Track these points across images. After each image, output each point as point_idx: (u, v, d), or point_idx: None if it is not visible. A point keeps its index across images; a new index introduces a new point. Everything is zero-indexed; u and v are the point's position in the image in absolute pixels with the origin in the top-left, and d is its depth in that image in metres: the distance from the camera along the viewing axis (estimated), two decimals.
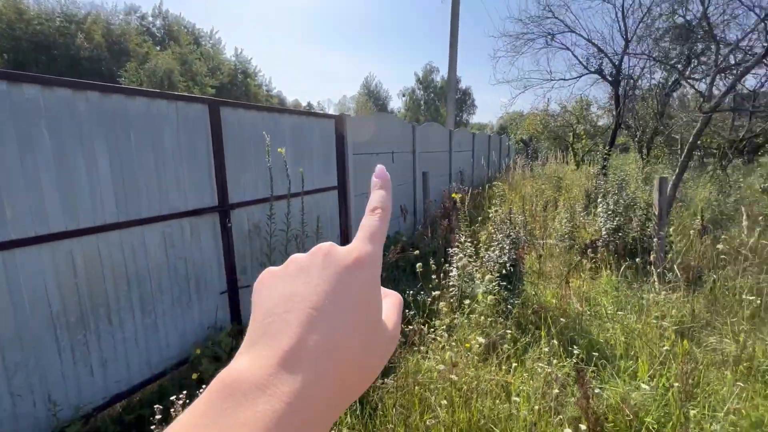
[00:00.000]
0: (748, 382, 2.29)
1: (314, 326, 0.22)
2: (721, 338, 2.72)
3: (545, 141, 17.28)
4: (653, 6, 7.26)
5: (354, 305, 0.23)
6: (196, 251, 2.72)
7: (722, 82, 5.35)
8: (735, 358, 2.49)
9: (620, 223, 4.28)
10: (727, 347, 2.59)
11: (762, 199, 6.15)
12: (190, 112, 2.63)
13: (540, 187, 7.48)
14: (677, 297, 3.21)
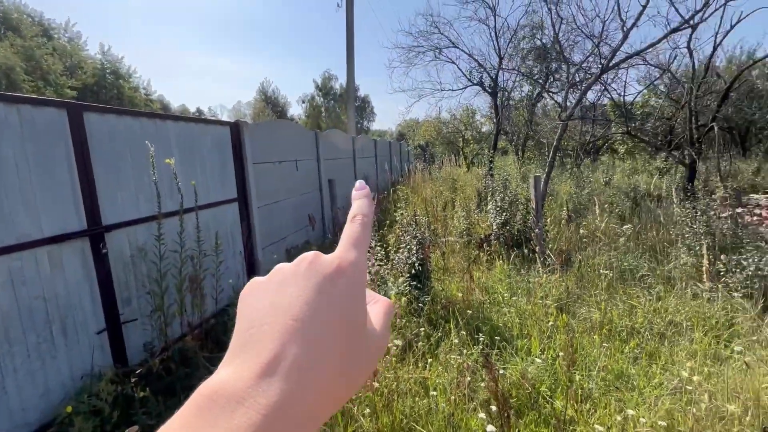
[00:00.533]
0: (609, 342, 2.79)
1: (294, 337, 0.21)
2: (588, 308, 3.26)
3: (439, 146, 18.75)
4: (518, 29, 8.46)
5: (336, 315, 0.23)
6: (59, 286, 2.23)
7: (572, 95, 6.47)
8: (599, 323, 3.01)
9: (507, 217, 4.85)
10: (593, 315, 3.12)
11: (605, 190, 7.62)
12: (40, 118, 2.16)
13: (438, 189, 8.06)
14: (555, 278, 3.76)
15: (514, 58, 10.35)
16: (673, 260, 3.93)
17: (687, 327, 2.89)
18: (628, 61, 6.11)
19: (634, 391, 2.28)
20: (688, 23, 4.20)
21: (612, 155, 15.48)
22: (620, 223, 5.21)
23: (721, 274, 3.35)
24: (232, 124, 3.92)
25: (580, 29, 5.09)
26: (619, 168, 11.85)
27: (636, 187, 6.61)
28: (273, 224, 4.63)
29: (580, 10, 5.38)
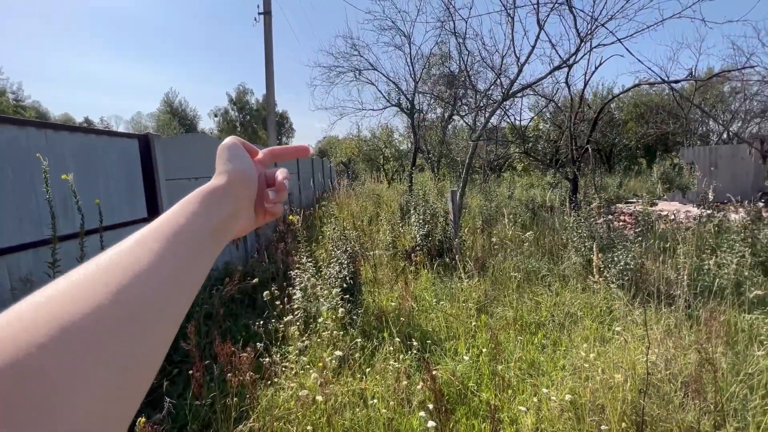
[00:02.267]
0: (522, 335, 3.15)
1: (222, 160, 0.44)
2: (503, 308, 3.64)
3: (361, 163, 19.18)
4: (430, 57, 9.23)
5: (236, 152, 0.46)
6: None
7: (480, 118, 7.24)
8: (513, 319, 3.38)
9: (429, 229, 5.18)
10: (507, 313, 3.49)
11: (509, 203, 8.58)
12: None
13: (363, 204, 8.25)
14: (474, 283, 4.11)
15: (427, 82, 11.22)
16: (566, 261, 4.60)
17: (579, 316, 3.40)
18: (523, 91, 7.09)
19: (545, 375, 2.62)
20: (565, 63, 5.06)
21: (512, 172, 17.47)
22: (523, 231, 5.92)
23: (601, 270, 4.02)
24: (141, 136, 3.59)
25: (483, 61, 5.78)
26: (518, 183, 13.43)
27: (533, 200, 7.59)
28: None
29: (483, 45, 6.14)
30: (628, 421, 2.06)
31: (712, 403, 2.13)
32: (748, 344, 2.73)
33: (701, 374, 2.18)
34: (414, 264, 4.82)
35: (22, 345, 0.20)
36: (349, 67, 9.38)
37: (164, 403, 1.77)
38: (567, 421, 2.08)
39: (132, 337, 0.24)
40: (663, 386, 2.26)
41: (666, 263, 4.01)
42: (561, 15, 4.95)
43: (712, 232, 4.50)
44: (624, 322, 3.19)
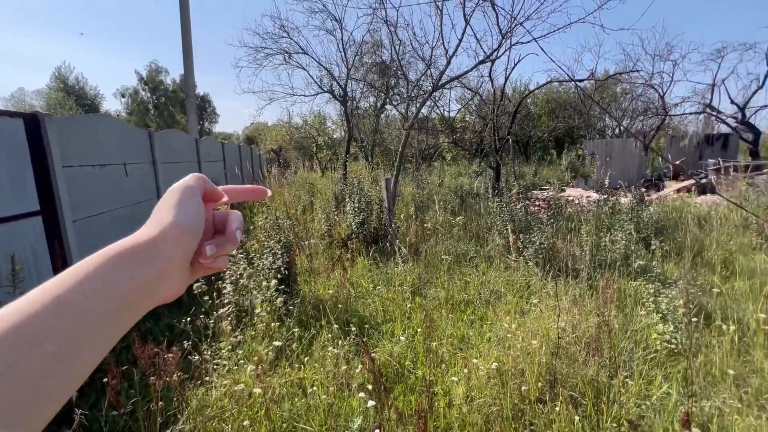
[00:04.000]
0: (453, 313, 3.36)
1: (162, 208, 0.38)
2: (435, 289, 3.84)
3: (293, 151, 18.54)
4: (363, 44, 9.16)
5: (176, 198, 0.38)
6: None
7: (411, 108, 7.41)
8: (444, 299, 3.59)
9: (364, 217, 5.23)
10: (440, 294, 3.69)
11: (440, 190, 8.99)
12: None
13: (297, 193, 8.02)
14: (409, 267, 4.27)
15: (359, 70, 11.14)
16: (491, 243, 4.98)
17: (503, 293, 3.73)
18: (450, 83, 7.39)
19: (474, 348, 2.84)
20: (489, 57, 5.39)
21: (442, 161, 18.25)
22: (453, 216, 6.26)
23: (520, 250, 4.43)
24: (29, 116, 3.06)
25: (414, 51, 5.90)
26: (448, 172, 14.10)
27: (461, 187, 8.04)
28: (100, 239, 3.79)
29: (414, 36, 6.27)
30: (543, 381, 2.33)
31: (607, 358, 2.49)
32: (633, 306, 3.23)
33: (599, 335, 2.54)
34: (350, 252, 4.84)
35: None
36: (278, 49, 8.93)
37: (74, 415, 1.58)
38: (493, 387, 2.29)
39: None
40: (570, 348, 2.59)
41: (572, 242, 4.56)
42: (485, 11, 5.26)
43: (607, 213, 5.20)
44: (539, 295, 3.57)
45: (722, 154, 11.75)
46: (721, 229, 4.82)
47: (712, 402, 2.06)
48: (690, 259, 4.15)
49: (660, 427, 1.94)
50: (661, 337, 2.64)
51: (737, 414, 1.99)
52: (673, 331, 2.66)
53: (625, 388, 2.21)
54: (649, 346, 2.66)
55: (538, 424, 2.07)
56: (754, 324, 2.77)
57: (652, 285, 3.26)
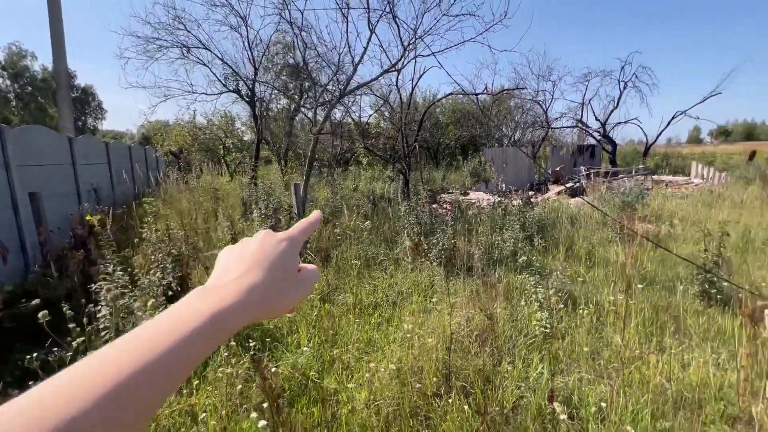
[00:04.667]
0: (361, 318, 3.39)
1: (254, 267, 0.37)
2: (344, 294, 3.84)
3: (197, 153, 17.03)
4: (271, 45, 8.82)
5: (279, 261, 0.39)
6: None
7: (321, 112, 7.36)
8: (352, 304, 3.61)
9: (272, 224, 5.02)
10: (348, 299, 3.70)
11: (354, 195, 9.07)
12: None
13: (198, 199, 7.36)
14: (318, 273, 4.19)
15: (269, 71, 10.71)
16: (400, 245, 5.16)
17: (409, 293, 3.89)
18: (360, 90, 7.53)
19: (379, 351, 2.89)
20: (394, 67, 5.60)
21: (358, 166, 18.47)
22: (365, 221, 6.36)
23: (425, 251, 4.68)
24: None
25: (320, 57, 5.86)
26: (363, 176, 14.31)
27: (374, 192, 8.22)
28: None
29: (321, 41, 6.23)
30: (439, 375, 2.47)
31: (495, 347, 2.75)
32: (519, 298, 3.62)
33: (488, 327, 2.79)
34: None
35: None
36: (174, 42, 8.11)
37: None
38: (394, 387, 2.36)
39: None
40: (464, 341, 2.80)
41: (471, 241, 4.96)
42: (390, 23, 5.46)
43: (500, 215, 5.78)
44: (441, 293, 3.80)
45: (591, 162, 13.96)
46: (586, 225, 5.70)
47: (574, 376, 2.40)
48: (563, 253, 4.82)
49: (534, 404, 2.19)
50: (539, 323, 3.00)
51: (591, 384, 2.35)
52: (547, 317, 3.04)
53: (508, 373, 2.46)
54: (529, 332, 3.00)
55: (434, 417, 2.18)
56: (607, 305, 3.31)
57: (533, 277, 3.70)
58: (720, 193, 8.01)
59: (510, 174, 11.83)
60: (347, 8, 4.92)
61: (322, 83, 7.08)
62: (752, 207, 6.69)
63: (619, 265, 4.21)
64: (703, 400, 2.18)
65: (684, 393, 2.22)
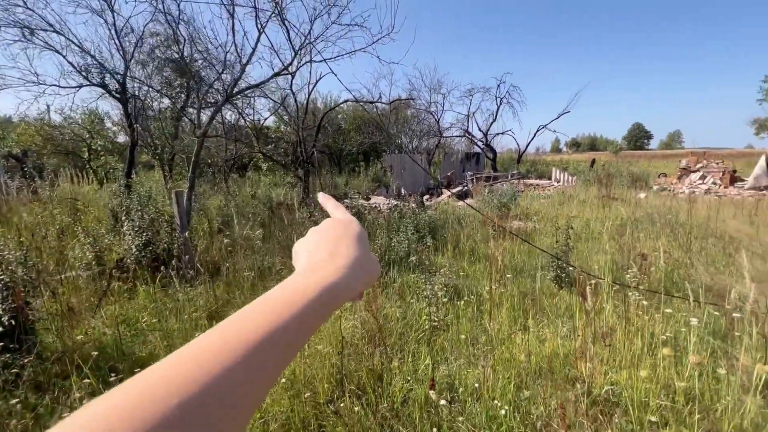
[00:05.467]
0: None
1: (339, 246, 0.40)
2: (234, 309, 3.58)
3: (53, 157, 14.17)
4: (146, 36, 7.81)
5: (355, 240, 0.41)
6: None
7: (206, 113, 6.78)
8: None
9: (149, 237, 4.43)
10: None
11: (252, 202, 8.57)
12: None
13: (51, 211, 6.11)
14: (206, 289, 3.84)
15: (148, 66, 9.49)
16: None
17: None
18: (253, 92, 7.16)
19: None
20: (286, 69, 5.47)
21: (258, 171, 17.54)
22: (261, 229, 6.04)
23: None
24: None
25: (201, 54, 5.41)
26: (263, 182, 13.62)
27: (271, 198, 7.88)
28: None
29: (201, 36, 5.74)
30: (333, 381, 2.47)
31: (387, 345, 2.86)
32: (412, 295, 3.83)
33: (380, 327, 2.88)
34: (131, 280, 4.00)
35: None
36: (10, 20, 6.60)
37: None
38: (288, 400, 2.28)
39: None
40: (359, 344, 2.85)
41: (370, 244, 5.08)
42: (280, 25, 5.31)
43: (396, 218, 6.07)
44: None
45: (476, 168, 15.61)
46: (471, 225, 6.34)
47: (455, 363, 2.63)
48: (451, 250, 5.27)
49: (421, 395, 2.33)
50: (428, 318, 3.22)
51: (470, 367, 2.60)
52: (435, 311, 3.28)
53: (399, 369, 2.57)
54: (420, 327, 3.20)
55: (327, 424, 2.16)
56: (485, 295, 3.72)
57: (424, 275, 3.96)
58: (570, 194, 9.71)
59: (408, 179, 12.52)
60: (232, 5, 4.64)
61: (208, 82, 6.54)
62: (592, 204, 8.25)
63: (494, 259, 4.77)
64: (554, 367, 2.59)
65: (541, 364, 2.61)
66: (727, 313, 2.88)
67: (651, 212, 6.84)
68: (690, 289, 3.19)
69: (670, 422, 2.00)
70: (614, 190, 10.08)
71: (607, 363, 2.45)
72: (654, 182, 13.63)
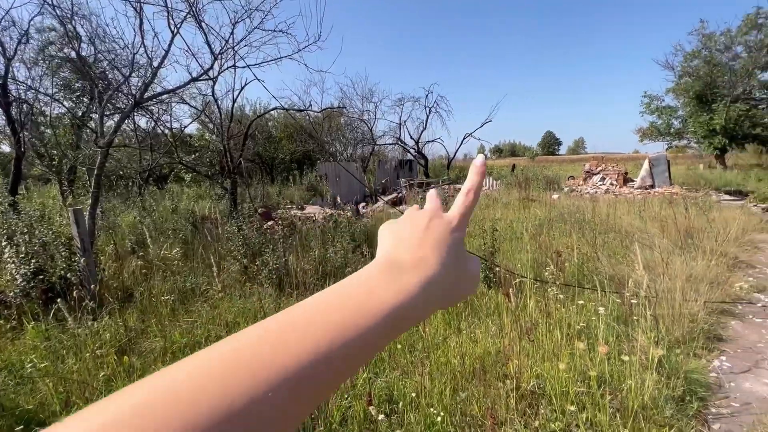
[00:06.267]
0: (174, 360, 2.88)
1: (434, 252, 0.33)
2: (152, 339, 3.21)
3: None
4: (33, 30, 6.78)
5: (452, 250, 0.35)
6: None
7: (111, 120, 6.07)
8: (163, 348, 3.04)
9: (40, 264, 3.80)
10: (156, 343, 3.10)
11: (173, 217, 7.83)
12: None
13: None
14: (113, 320, 3.38)
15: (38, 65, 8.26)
16: (225, 271, 4.68)
17: (236, 323, 3.54)
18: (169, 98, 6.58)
19: None
20: (206, 74, 5.11)
21: (180, 182, 16.16)
22: (185, 246, 5.53)
23: (255, 273, 4.38)
24: None
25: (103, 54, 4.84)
26: (186, 194, 12.57)
27: (195, 212, 7.28)
28: None
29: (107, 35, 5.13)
30: None
31: None
32: None
33: None
34: (14, 317, 3.39)
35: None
36: None
37: None
38: None
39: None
40: None
41: (304, 257, 4.92)
42: (196, 27, 4.95)
43: (331, 228, 5.96)
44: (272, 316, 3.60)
45: (409, 175, 16.07)
46: None
47: (393, 374, 2.61)
48: None
49: (360, 411, 2.27)
50: None
51: (408, 376, 2.60)
52: None
53: None
54: None
55: None
56: None
57: None
58: (495, 197, 10.42)
59: (343, 187, 12.45)
60: (139, 2, 4.20)
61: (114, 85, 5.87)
62: (514, 206, 8.94)
63: None
64: (486, 366, 2.70)
65: (474, 365, 2.70)
66: (626, 299, 3.27)
67: (563, 212, 7.58)
68: (597, 280, 3.57)
69: (587, 406, 2.18)
70: (532, 192, 11.05)
71: (532, 357, 2.62)
72: (564, 184, 15.21)
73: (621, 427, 2.00)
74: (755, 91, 19.77)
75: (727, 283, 4.32)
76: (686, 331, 3.17)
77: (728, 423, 2.34)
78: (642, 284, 2.95)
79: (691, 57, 20.98)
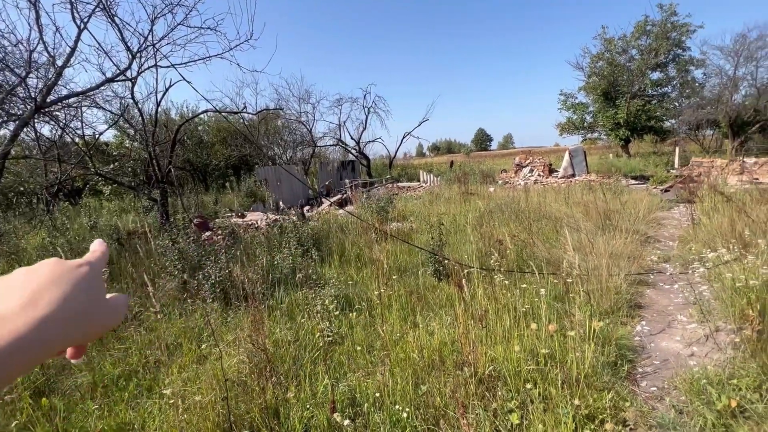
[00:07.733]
0: (106, 398, 2.56)
1: (47, 289, 0.32)
2: (75, 376, 2.83)
3: None
4: None
5: (79, 287, 0.34)
6: None
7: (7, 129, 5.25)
8: (92, 384, 2.69)
9: None
10: (83, 380, 2.74)
11: (92, 235, 6.98)
12: None
13: None
14: None
15: None
16: (161, 287, 4.28)
17: (177, 344, 3.25)
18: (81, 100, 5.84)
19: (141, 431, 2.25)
20: (123, 74, 4.62)
21: (99, 196, 14.51)
22: (109, 266, 4.96)
23: (195, 289, 4.06)
24: None
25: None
26: (106, 208, 11.31)
27: (118, 228, 6.57)
28: None
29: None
30: (220, 430, 2.14)
31: (281, 374, 2.64)
32: (302, 315, 3.64)
33: (269, 357, 2.64)
34: None
35: None
36: None
37: None
38: None
39: None
40: (248, 381, 2.55)
41: (249, 267, 4.66)
42: (108, 22, 4.44)
43: (276, 234, 5.74)
44: (219, 332, 3.36)
45: (353, 176, 16.02)
46: (354, 231, 6.42)
47: (354, 376, 2.58)
48: (338, 260, 5.24)
49: (323, 419, 2.20)
50: (321, 334, 3.09)
51: (369, 377, 2.58)
52: (328, 326, 3.18)
53: (296, 398, 2.39)
54: (314, 345, 3.05)
55: None
56: (376, 300, 3.78)
57: (313, 290, 3.81)
58: (437, 193, 10.78)
59: (286, 191, 12.05)
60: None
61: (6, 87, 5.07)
62: (456, 200, 9.32)
63: (379, 263, 4.92)
64: (444, 356, 2.76)
65: (433, 357, 2.76)
66: (561, 279, 3.56)
67: (500, 203, 8.07)
68: (534, 264, 3.84)
69: (538, 382, 2.33)
70: (470, 186, 11.61)
71: (486, 342, 2.74)
72: (498, 177, 16.20)
73: (569, 397, 2.17)
74: (648, 89, 22.71)
75: (641, 256, 4.90)
76: (613, 302, 3.53)
77: (653, 379, 2.65)
78: (574, 264, 3.23)
79: (596, 59, 23.51)
